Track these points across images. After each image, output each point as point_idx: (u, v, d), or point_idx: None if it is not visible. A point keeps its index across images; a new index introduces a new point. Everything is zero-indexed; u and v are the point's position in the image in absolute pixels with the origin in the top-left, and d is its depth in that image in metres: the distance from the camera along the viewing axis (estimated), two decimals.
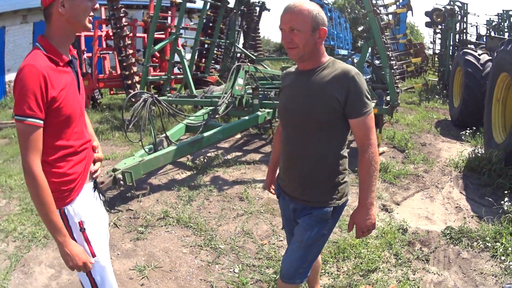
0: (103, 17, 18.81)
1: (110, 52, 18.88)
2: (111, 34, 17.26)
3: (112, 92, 20.44)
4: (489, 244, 5.48)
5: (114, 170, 6.65)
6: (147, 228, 6.09)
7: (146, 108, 7.32)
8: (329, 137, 3.05)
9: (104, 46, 18.76)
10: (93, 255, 2.87)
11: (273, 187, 3.78)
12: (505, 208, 6.22)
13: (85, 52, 17.79)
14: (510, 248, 5.37)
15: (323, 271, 4.94)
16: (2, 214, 6.66)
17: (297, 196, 3.23)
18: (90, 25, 2.75)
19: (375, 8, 10.03)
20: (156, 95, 7.67)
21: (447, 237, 5.85)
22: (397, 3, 18.99)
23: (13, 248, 5.54)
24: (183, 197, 7.11)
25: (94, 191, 3.11)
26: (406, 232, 5.96)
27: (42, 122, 2.49)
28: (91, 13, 2.72)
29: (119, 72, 17.44)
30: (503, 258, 5.24)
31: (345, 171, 3.21)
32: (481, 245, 5.52)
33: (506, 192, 6.91)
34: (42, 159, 2.59)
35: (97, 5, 2.75)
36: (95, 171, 3.08)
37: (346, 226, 5.91)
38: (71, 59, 2.78)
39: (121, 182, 6.53)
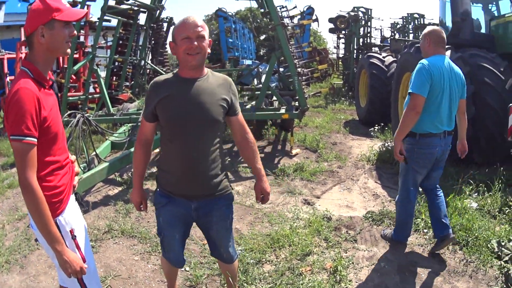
0: (23, 38, 18.59)
1: None
2: None
3: None
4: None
5: None
6: (97, 242, 6.25)
7: (79, 127, 7.46)
8: (218, 134, 3.60)
9: None
10: (84, 260, 3.07)
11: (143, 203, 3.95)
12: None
13: (8, 75, 17.48)
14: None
15: (263, 259, 5.44)
16: None
17: (200, 193, 3.61)
18: (69, 50, 2.95)
19: (283, 21, 10.57)
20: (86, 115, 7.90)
21: (370, 219, 6.53)
22: (303, 14, 19.73)
23: None
24: (121, 211, 7.26)
25: (75, 200, 3.37)
26: (331, 220, 6.54)
27: (36, 140, 2.67)
28: (68, 39, 2.90)
29: None
30: (425, 230, 6.00)
31: None
32: None
33: None
34: None
35: (74, 32, 2.95)
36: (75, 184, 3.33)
37: (276, 221, 6.54)
38: (52, 82, 2.99)
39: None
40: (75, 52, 17.16)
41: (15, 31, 24.95)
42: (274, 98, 11.63)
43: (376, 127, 12.02)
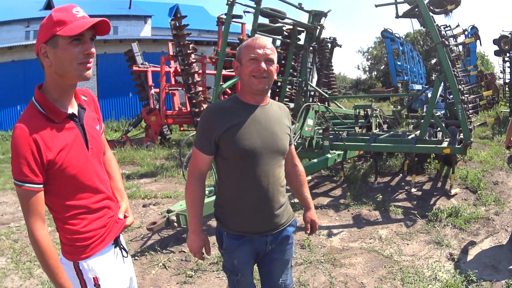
0: (171, 53, 18.93)
1: (179, 88, 18.95)
2: (179, 70, 17.32)
3: (182, 129, 20.53)
4: None
5: (169, 211, 6.60)
6: (197, 272, 5.91)
7: None
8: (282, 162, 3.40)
9: (173, 82, 18.84)
10: None
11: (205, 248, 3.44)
12: None
13: (152, 88, 17.93)
14: None
15: None
16: None
17: (278, 225, 3.34)
18: (87, 73, 2.45)
19: (443, 39, 9.64)
20: None
21: None
22: (466, 33, 18.38)
23: None
24: None
25: (115, 247, 2.89)
26: (470, 284, 5.56)
27: (40, 186, 2.36)
28: (84, 60, 2.41)
29: (189, 109, 17.45)
30: None
31: None
32: None
33: None
34: (54, 215, 2.56)
35: (92, 50, 2.44)
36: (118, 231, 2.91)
37: (410, 280, 5.65)
38: (73, 113, 2.57)
39: (175, 224, 6.43)
40: (233, 70, 17.23)
41: (164, 45, 25.89)
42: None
43: None
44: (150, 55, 24.69)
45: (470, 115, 12.30)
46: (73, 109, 2.58)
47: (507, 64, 23.48)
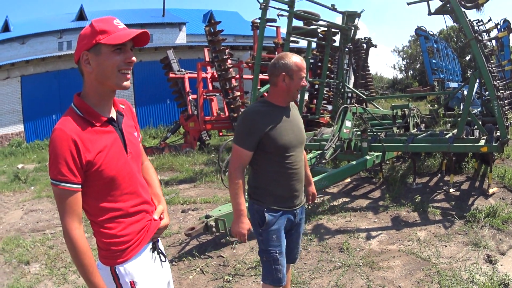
0: (207, 59, 19.00)
1: (217, 94, 19.03)
2: (216, 76, 17.39)
3: (221, 134, 20.71)
4: None
5: (207, 216, 6.66)
6: (235, 277, 5.95)
7: None
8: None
9: (210, 87, 18.94)
10: None
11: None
12: None
13: (190, 94, 18.01)
14: None
15: None
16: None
17: (301, 201, 4.09)
18: (126, 83, 2.58)
19: (476, 35, 9.53)
20: None
21: None
22: (498, 27, 18.07)
23: None
24: None
25: (153, 252, 2.95)
26: (507, 287, 5.45)
27: (77, 186, 2.43)
28: (125, 67, 2.54)
29: (227, 114, 17.54)
30: None
31: None
32: None
33: None
34: (91, 219, 2.63)
35: (133, 58, 2.57)
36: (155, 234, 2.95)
37: (447, 283, 5.56)
38: (112, 117, 2.67)
39: (213, 229, 6.50)
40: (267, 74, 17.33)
41: (200, 52, 26.11)
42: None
43: None
44: (186, 62, 24.95)
45: (506, 112, 12.12)
46: (111, 114, 2.69)
47: None
